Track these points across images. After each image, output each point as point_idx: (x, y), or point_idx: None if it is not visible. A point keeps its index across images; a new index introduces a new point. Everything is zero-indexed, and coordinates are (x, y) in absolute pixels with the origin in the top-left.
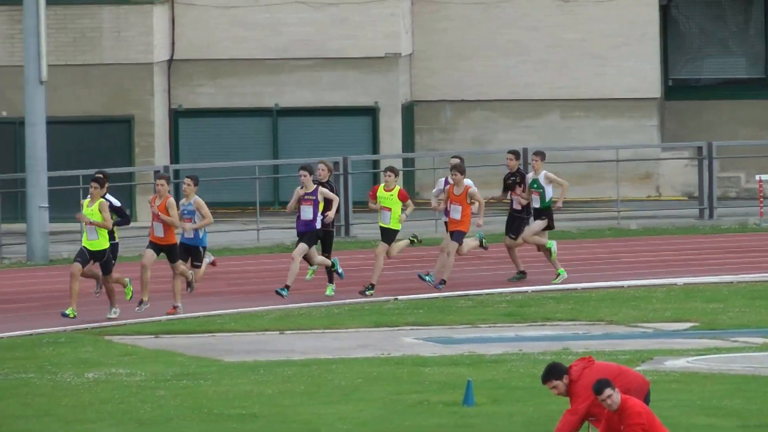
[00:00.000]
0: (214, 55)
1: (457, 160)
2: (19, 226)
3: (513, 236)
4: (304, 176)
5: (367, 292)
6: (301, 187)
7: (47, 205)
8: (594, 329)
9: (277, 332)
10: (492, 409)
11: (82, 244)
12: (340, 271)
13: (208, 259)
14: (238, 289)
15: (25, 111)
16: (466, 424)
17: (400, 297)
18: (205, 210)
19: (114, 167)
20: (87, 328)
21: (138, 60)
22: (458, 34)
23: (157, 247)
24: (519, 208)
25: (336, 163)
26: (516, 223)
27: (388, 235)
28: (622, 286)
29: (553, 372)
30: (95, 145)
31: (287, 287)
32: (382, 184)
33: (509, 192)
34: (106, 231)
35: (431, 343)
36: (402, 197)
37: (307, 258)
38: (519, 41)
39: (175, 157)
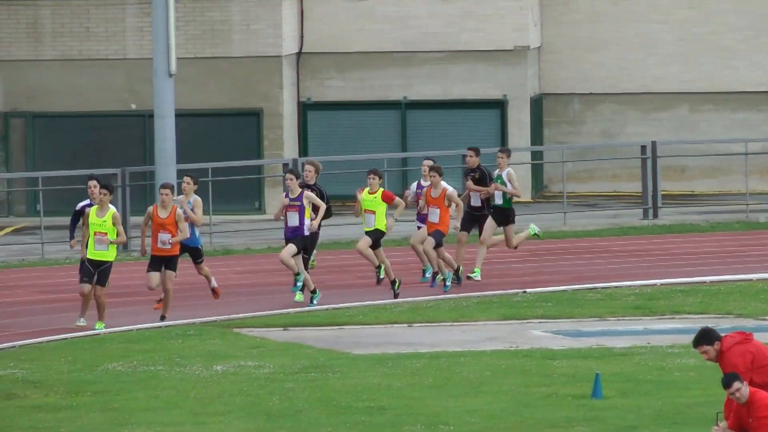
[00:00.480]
0: (343, 48)
1: (431, 162)
2: None
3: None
4: (290, 180)
5: (395, 290)
6: (286, 195)
7: (176, 198)
8: (722, 322)
9: (406, 325)
10: (620, 402)
11: (86, 256)
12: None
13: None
14: (366, 281)
15: (154, 104)
16: (594, 417)
17: (528, 290)
18: (200, 210)
19: (242, 160)
20: (216, 321)
21: (267, 53)
22: (587, 27)
23: (159, 260)
24: (478, 204)
25: (464, 156)
26: (476, 220)
27: (372, 237)
28: (751, 280)
29: (706, 337)
30: (223, 138)
31: (297, 274)
32: (366, 188)
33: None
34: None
35: (560, 336)
36: (386, 199)
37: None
38: (648, 34)
39: (303, 150)
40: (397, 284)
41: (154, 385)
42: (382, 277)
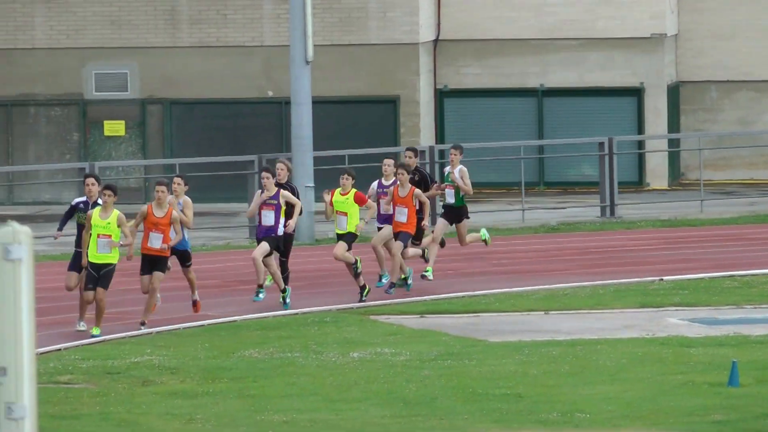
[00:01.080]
0: (480, 35)
1: (392, 161)
2: None
3: (416, 242)
4: (267, 179)
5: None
6: (262, 192)
7: (313, 185)
8: None
9: (542, 312)
10: (757, 390)
11: (88, 260)
12: (287, 301)
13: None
14: (502, 269)
15: (291, 91)
16: (730, 406)
17: (665, 278)
18: (190, 212)
19: (379, 147)
20: (352, 308)
21: (403, 40)
22: (723, 15)
23: (148, 259)
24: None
25: (601, 144)
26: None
27: (346, 241)
28: None
29: None
30: (360, 125)
31: (260, 287)
32: (338, 189)
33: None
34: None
35: (696, 323)
36: (359, 201)
37: (266, 263)
38: None
39: (440, 137)
40: (366, 291)
41: (290, 372)
42: (360, 270)
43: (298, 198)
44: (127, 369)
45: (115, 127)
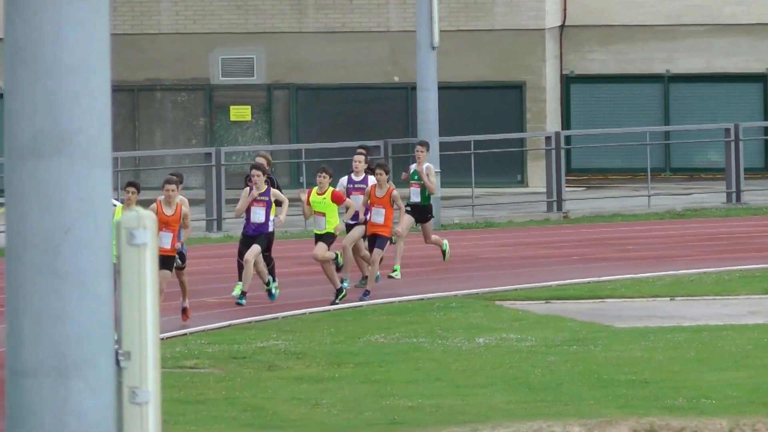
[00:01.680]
0: (606, 21)
1: (363, 155)
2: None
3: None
4: (257, 176)
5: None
6: (251, 189)
7: (438, 170)
8: None
9: (668, 298)
10: None
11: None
12: (274, 292)
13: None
14: (627, 255)
15: (417, 76)
16: None
17: None
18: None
19: (505, 133)
20: (478, 294)
21: (529, 26)
22: None
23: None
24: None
25: (727, 130)
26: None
27: (325, 241)
28: None
29: None
30: (486, 111)
31: (244, 294)
32: (314, 188)
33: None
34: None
35: None
36: (336, 200)
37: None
38: None
39: (566, 123)
40: (342, 294)
41: (416, 357)
42: (341, 263)
43: (279, 190)
44: (253, 354)
45: (241, 113)
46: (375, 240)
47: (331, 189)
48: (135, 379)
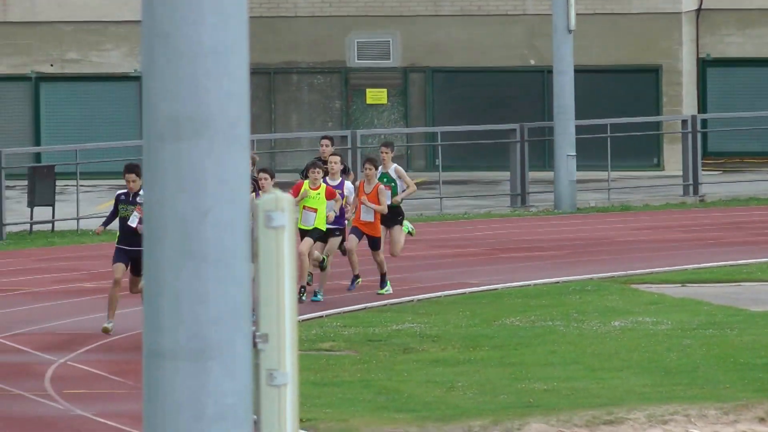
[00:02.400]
0: (744, 4)
1: (338, 157)
2: (546, 174)
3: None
4: (264, 180)
5: (301, 298)
6: (257, 194)
7: (574, 154)
8: None
9: None
10: None
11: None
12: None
13: None
14: (764, 239)
15: (553, 59)
16: None
17: None
18: None
19: (640, 116)
20: (614, 277)
21: (666, 9)
22: None
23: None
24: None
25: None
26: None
27: (313, 237)
28: None
29: None
30: (622, 95)
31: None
32: (306, 181)
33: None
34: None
35: None
36: (329, 195)
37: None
38: None
39: (702, 106)
40: (303, 293)
41: (551, 340)
42: (326, 265)
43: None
44: (389, 336)
45: (377, 95)
46: (370, 242)
47: (324, 185)
48: (273, 361)
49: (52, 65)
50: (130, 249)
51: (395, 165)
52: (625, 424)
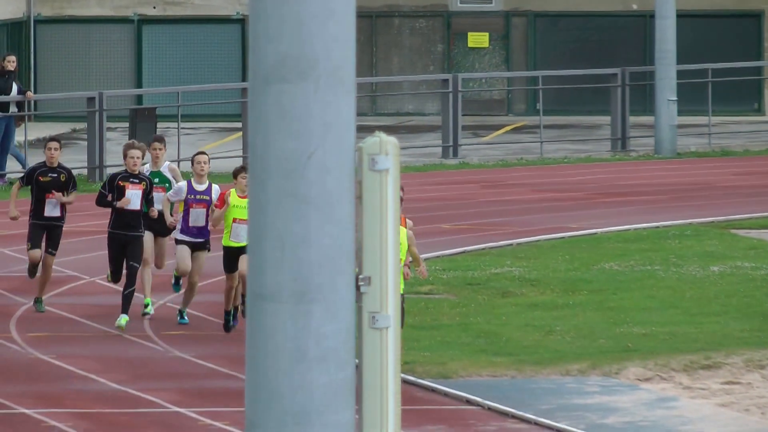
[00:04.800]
0: None
1: (205, 156)
2: (647, 118)
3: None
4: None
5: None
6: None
7: (675, 98)
8: None
9: None
10: None
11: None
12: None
13: None
14: None
15: (656, 4)
16: None
17: None
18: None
19: (741, 61)
20: (713, 222)
21: None
22: None
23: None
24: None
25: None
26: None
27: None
28: None
29: None
30: (724, 40)
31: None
32: (232, 189)
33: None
34: None
35: None
36: None
37: None
38: None
39: None
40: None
41: (650, 284)
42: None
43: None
44: (488, 280)
45: (479, 39)
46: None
47: None
48: (375, 304)
49: (154, 7)
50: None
51: (168, 162)
52: (723, 369)
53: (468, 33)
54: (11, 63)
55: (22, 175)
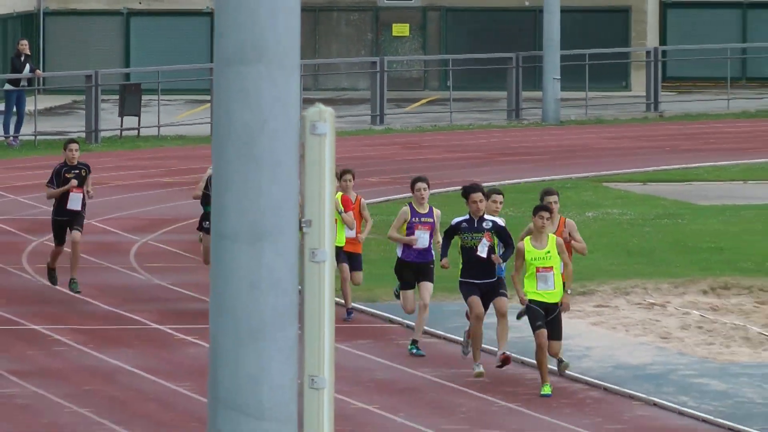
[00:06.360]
0: None
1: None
2: (536, 93)
3: None
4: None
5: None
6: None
7: (559, 77)
8: None
9: (741, 182)
10: None
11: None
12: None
13: None
14: (710, 146)
15: (544, 1)
16: None
17: None
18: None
19: (612, 48)
20: (588, 177)
21: None
22: None
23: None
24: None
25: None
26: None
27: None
28: None
29: None
30: (598, 30)
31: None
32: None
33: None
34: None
35: None
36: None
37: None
38: None
39: (663, 40)
40: None
41: None
42: None
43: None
44: None
45: (401, 29)
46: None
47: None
48: (315, 242)
49: (140, 2)
50: None
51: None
52: (595, 295)
53: (392, 24)
54: (25, 47)
55: (49, 179)
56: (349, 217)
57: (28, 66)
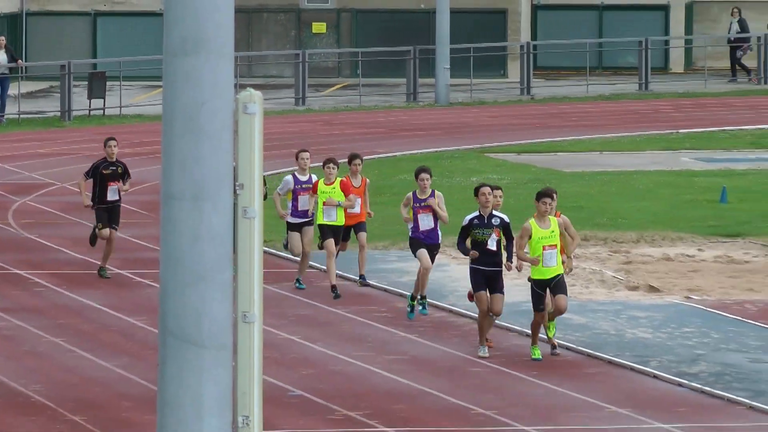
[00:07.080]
0: None
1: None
2: (430, 80)
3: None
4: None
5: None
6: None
7: (449, 67)
8: None
9: (598, 152)
10: (738, 205)
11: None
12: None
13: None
14: (572, 123)
15: (436, 3)
16: (720, 216)
17: (680, 130)
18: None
19: (494, 42)
20: (472, 149)
21: None
22: None
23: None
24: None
25: (640, 42)
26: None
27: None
28: None
29: None
30: (481, 27)
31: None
32: (320, 179)
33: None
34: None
35: (700, 161)
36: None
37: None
38: None
39: (534, 35)
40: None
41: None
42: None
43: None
44: None
45: (319, 27)
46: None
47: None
48: (246, 201)
49: (105, 5)
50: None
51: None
52: None
53: (312, 23)
54: (2, 42)
55: (87, 170)
56: (350, 202)
57: (7, 56)
